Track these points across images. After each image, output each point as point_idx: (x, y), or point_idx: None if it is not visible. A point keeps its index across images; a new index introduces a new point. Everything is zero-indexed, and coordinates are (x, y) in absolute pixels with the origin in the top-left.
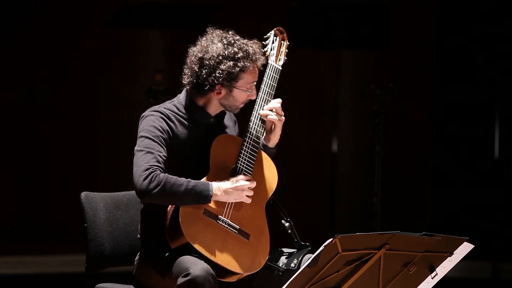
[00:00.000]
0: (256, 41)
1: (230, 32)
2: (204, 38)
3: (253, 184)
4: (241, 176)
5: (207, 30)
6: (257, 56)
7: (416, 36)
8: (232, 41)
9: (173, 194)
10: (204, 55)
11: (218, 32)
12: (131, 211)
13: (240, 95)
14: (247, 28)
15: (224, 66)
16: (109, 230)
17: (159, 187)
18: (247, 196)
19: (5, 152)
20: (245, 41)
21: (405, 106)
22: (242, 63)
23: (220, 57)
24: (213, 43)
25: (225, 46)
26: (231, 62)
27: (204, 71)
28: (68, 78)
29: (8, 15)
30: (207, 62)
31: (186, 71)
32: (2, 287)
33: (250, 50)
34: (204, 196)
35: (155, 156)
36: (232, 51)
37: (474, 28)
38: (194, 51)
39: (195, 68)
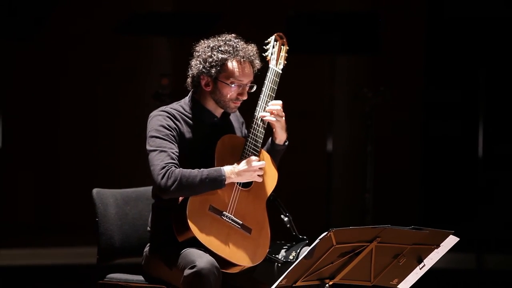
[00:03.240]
0: (254, 45)
1: (232, 35)
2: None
3: (263, 164)
4: (252, 157)
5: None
6: (243, 54)
7: (405, 42)
8: (224, 38)
9: (190, 186)
10: (198, 50)
11: (223, 34)
12: (139, 206)
13: (225, 89)
14: (247, 35)
15: (205, 55)
16: (119, 224)
17: (176, 183)
18: (258, 175)
19: (25, 154)
20: (240, 41)
21: (395, 108)
22: (222, 55)
23: (205, 48)
24: (211, 40)
25: (215, 40)
26: (213, 52)
27: (192, 63)
28: (82, 82)
29: (26, 21)
30: (195, 54)
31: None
32: (19, 277)
33: (238, 47)
34: (219, 181)
35: (169, 154)
36: (218, 44)
37: (461, 34)
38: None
39: (190, 62)
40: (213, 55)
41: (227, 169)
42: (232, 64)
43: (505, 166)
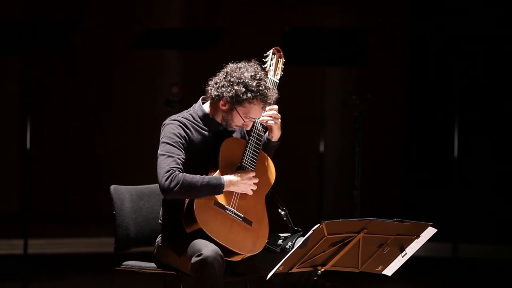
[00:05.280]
0: (276, 90)
1: (263, 73)
2: (244, 63)
3: (256, 179)
4: (250, 172)
5: (252, 60)
6: (268, 100)
7: (389, 55)
8: (260, 78)
9: (191, 189)
10: (232, 72)
11: (256, 65)
12: (152, 201)
13: (236, 118)
14: (248, 48)
15: (236, 87)
16: (134, 217)
17: (178, 186)
18: (251, 189)
19: (56, 158)
20: (269, 85)
21: (380, 114)
22: (251, 95)
23: (240, 81)
24: (246, 70)
25: (251, 77)
26: (244, 88)
27: (222, 82)
28: (103, 90)
29: (50, 37)
30: (229, 78)
31: (213, 80)
32: (45, 265)
33: (267, 93)
34: (218, 189)
35: (175, 159)
36: (252, 84)
37: (438, 52)
38: (228, 66)
39: (220, 78)
40: (244, 94)
41: (226, 179)
42: (254, 106)
43: (479, 163)
